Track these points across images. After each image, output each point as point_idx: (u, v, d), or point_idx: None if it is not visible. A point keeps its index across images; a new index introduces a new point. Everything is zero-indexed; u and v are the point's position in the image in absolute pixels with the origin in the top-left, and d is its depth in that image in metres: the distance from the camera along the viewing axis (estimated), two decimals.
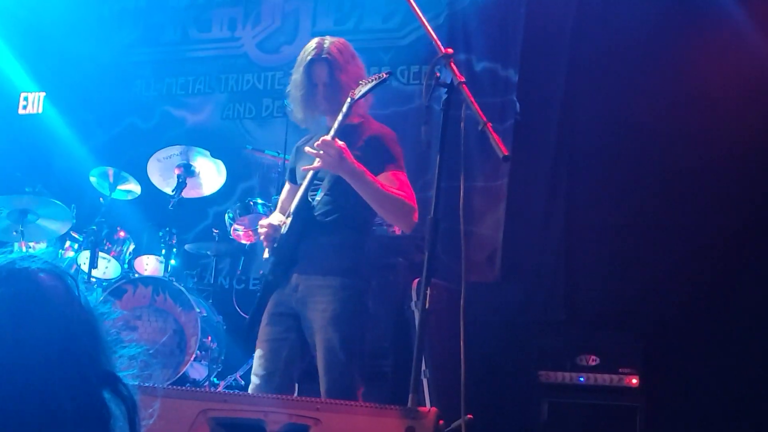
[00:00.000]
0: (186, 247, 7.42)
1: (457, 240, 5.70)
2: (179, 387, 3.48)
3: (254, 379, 4.47)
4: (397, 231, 6.40)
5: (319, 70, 4.50)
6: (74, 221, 6.92)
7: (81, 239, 7.01)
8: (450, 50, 3.43)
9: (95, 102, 9.16)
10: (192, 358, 6.24)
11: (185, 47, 9.07)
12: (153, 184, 7.26)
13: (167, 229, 6.98)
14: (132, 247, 7.02)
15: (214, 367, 6.53)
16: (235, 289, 7.76)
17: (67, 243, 7.09)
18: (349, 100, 4.37)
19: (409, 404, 3.00)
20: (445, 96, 3.42)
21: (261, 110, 8.69)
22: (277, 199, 6.92)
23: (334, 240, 4.37)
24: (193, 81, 8.97)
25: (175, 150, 7.07)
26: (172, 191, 6.98)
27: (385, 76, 4.41)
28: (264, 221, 4.58)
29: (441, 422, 2.67)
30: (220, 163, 7.15)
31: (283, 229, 4.45)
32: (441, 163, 3.33)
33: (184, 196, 7.02)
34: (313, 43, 4.60)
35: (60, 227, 6.62)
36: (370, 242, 4.57)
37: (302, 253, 4.38)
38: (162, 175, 7.18)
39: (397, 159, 4.46)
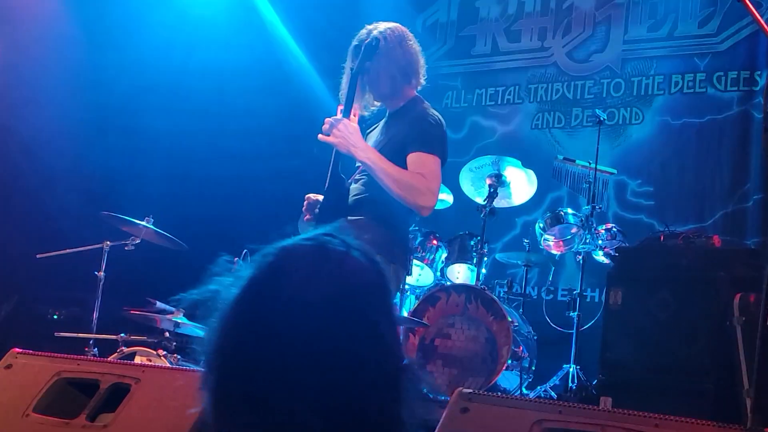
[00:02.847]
0: (497, 256, 7.49)
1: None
2: (514, 396, 3.50)
3: None
4: (717, 243, 6.14)
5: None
6: None
7: None
8: None
9: None
10: (503, 368, 6.26)
11: (495, 58, 9.18)
12: (464, 194, 7.36)
13: (478, 238, 7.04)
14: (444, 255, 7.14)
15: (525, 377, 6.52)
16: (544, 300, 7.73)
17: None
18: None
19: (749, 424, 2.86)
20: None
21: (570, 119, 8.65)
22: (588, 209, 6.88)
23: (365, 217, 4.36)
24: (502, 92, 9.06)
25: (487, 160, 7.14)
26: (483, 201, 7.05)
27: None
28: (308, 195, 4.59)
29: None
30: (531, 172, 7.15)
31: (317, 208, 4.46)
32: None
33: (495, 206, 7.05)
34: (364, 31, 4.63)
35: None
36: (402, 224, 4.53)
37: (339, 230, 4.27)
38: (474, 185, 7.27)
39: (429, 143, 4.39)
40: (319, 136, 4.39)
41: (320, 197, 4.59)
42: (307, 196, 4.66)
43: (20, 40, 8.81)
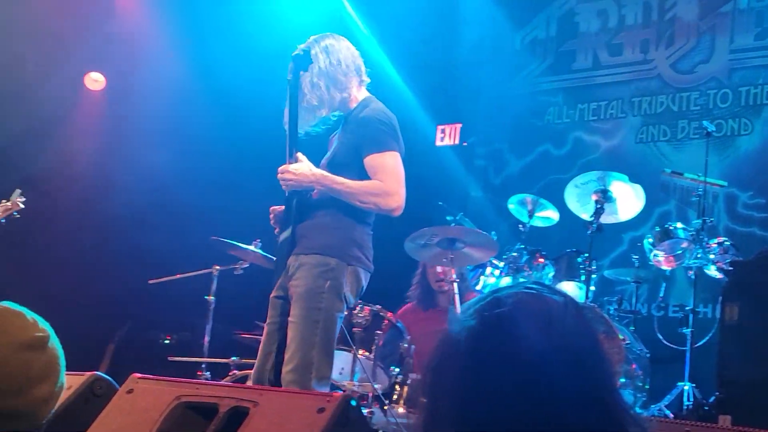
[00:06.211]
0: (605, 273, 7.37)
1: None
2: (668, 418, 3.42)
3: (256, 363, 4.62)
4: None
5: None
6: (498, 250, 7.04)
7: (502, 266, 7.14)
8: None
9: (509, 131, 9.40)
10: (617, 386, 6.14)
11: (597, 72, 9.08)
12: (570, 211, 7.27)
13: (586, 255, 6.93)
14: (552, 273, 7.06)
15: (639, 396, 6.39)
16: (655, 316, 7.58)
17: (489, 269, 7.25)
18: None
19: None
20: None
21: (676, 132, 8.50)
22: (699, 223, 6.74)
23: (321, 221, 4.56)
24: (605, 106, 8.95)
25: (593, 176, 7.04)
26: (590, 217, 6.94)
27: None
28: (273, 207, 4.78)
29: None
30: (638, 187, 7.01)
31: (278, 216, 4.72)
32: None
33: (602, 222, 6.95)
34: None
35: (485, 255, 6.78)
36: (359, 225, 4.63)
37: (298, 235, 4.58)
38: (579, 201, 7.17)
39: (378, 141, 4.55)
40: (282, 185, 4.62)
41: (275, 207, 4.79)
42: (271, 208, 4.82)
43: (124, 70, 9.06)
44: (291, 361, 4.37)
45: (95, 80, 9.37)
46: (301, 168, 4.57)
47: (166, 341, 8.69)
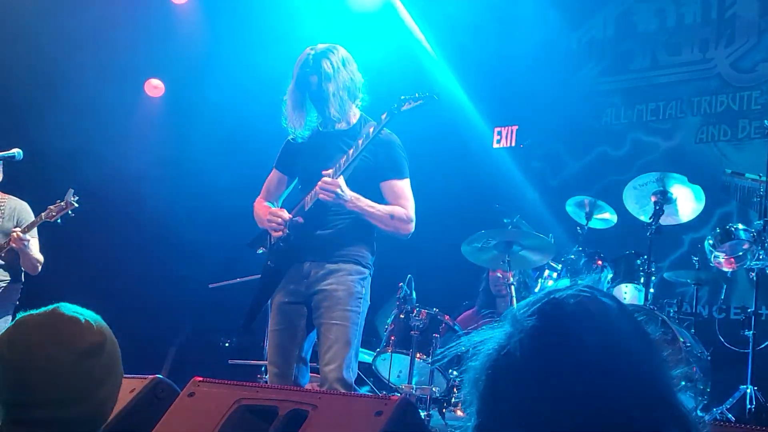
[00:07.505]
0: (665, 275, 7.29)
1: None
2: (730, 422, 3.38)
3: (272, 368, 4.75)
4: None
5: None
6: (555, 252, 7.01)
7: (560, 268, 7.11)
8: None
9: (566, 132, 9.34)
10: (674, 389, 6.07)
11: (655, 73, 8.99)
12: (628, 212, 7.21)
13: (645, 257, 6.87)
14: (610, 275, 7.01)
15: (700, 399, 6.31)
16: (717, 319, 7.49)
17: (546, 272, 7.22)
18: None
19: None
20: None
21: (737, 132, 8.38)
22: (761, 224, 6.64)
23: (345, 230, 4.74)
24: (663, 106, 8.86)
25: (651, 177, 6.98)
26: (649, 219, 6.89)
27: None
28: (276, 211, 4.90)
29: None
30: (698, 188, 6.94)
31: (293, 222, 4.78)
32: None
33: (661, 224, 6.89)
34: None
35: (542, 258, 6.77)
36: (373, 234, 4.87)
37: (315, 243, 4.74)
38: (638, 203, 7.11)
39: (400, 168, 4.83)
40: (320, 195, 4.66)
41: (284, 215, 4.85)
42: (279, 212, 4.91)
43: (183, 77, 9.15)
44: (335, 360, 4.56)
45: (155, 87, 9.51)
46: (345, 187, 4.67)
47: (227, 344, 8.77)
